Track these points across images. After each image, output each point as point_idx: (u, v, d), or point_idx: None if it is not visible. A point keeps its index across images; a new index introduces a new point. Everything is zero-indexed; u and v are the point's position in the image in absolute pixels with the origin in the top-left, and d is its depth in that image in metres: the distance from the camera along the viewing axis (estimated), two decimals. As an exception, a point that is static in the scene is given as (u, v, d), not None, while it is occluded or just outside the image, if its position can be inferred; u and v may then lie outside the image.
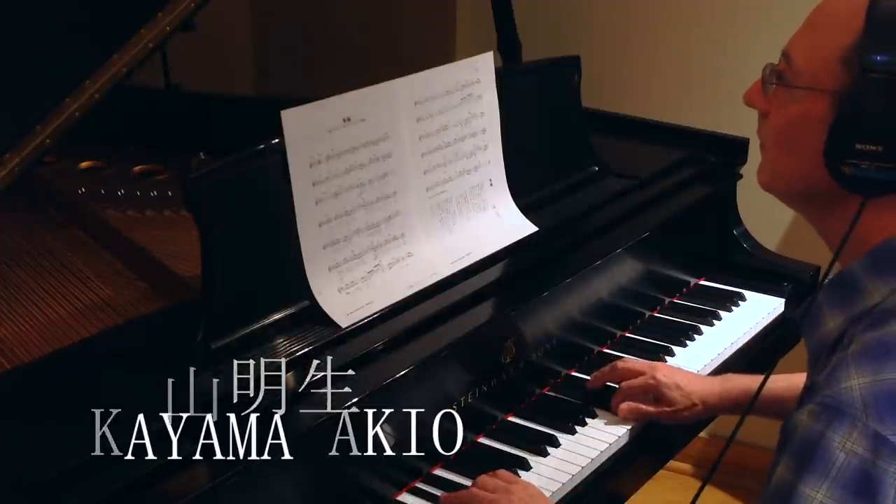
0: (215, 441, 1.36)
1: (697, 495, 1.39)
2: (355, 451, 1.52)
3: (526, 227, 1.94)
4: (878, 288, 1.23)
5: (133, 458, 1.30)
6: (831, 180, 1.23)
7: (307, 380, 1.50)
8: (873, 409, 1.11)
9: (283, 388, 1.48)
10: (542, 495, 1.53)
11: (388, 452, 1.55)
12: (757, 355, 2.05)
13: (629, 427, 1.76)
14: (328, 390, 1.50)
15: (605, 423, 1.77)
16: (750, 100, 1.34)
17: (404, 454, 1.58)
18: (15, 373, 1.55)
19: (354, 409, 1.48)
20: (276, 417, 1.44)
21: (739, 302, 2.18)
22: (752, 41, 2.76)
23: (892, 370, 1.13)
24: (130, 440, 1.31)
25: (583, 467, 1.66)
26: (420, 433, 1.61)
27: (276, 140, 1.56)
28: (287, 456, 1.40)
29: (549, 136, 2.13)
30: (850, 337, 1.22)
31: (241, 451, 1.36)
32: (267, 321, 1.56)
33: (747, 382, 1.74)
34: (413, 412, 1.60)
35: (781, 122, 1.28)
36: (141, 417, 1.34)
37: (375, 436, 1.54)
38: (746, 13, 2.86)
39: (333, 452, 1.49)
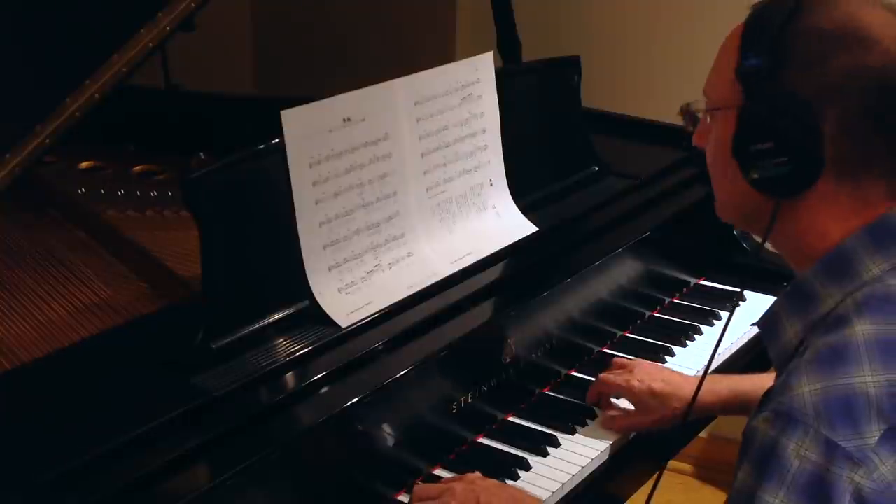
0: (215, 441, 1.36)
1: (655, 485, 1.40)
2: (355, 451, 1.52)
3: (526, 227, 1.94)
4: (832, 294, 1.24)
5: (133, 458, 1.30)
6: (758, 193, 1.27)
7: (307, 380, 1.50)
8: (824, 415, 1.13)
9: (283, 388, 1.49)
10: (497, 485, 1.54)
11: (388, 453, 1.55)
12: (757, 355, 2.05)
13: (629, 427, 1.77)
14: (328, 390, 1.51)
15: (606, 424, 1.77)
16: (695, 142, 1.40)
17: (404, 454, 1.58)
18: (15, 373, 1.55)
19: (354, 410, 1.49)
20: (277, 417, 1.44)
21: (739, 302, 2.18)
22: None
23: (842, 375, 1.15)
24: (130, 440, 1.32)
25: (583, 467, 1.66)
26: (420, 433, 1.61)
27: (276, 140, 1.56)
28: (287, 456, 1.41)
29: (549, 137, 2.13)
30: (806, 345, 1.24)
31: (242, 452, 1.36)
32: (267, 321, 1.56)
33: (734, 382, 1.75)
34: (412, 412, 1.61)
35: (710, 150, 1.35)
36: (141, 417, 1.35)
37: (375, 436, 1.54)
38: (746, 13, 2.86)
39: (333, 452, 1.50)
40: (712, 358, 1.41)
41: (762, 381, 1.69)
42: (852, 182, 1.24)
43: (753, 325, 1.37)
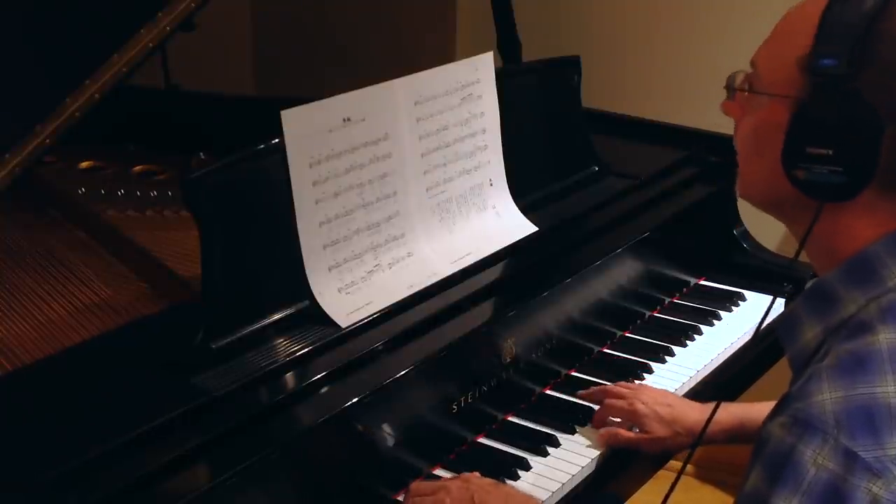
0: (215, 441, 1.36)
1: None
2: (355, 451, 1.52)
3: (526, 227, 1.94)
4: (855, 298, 1.22)
5: (133, 458, 1.30)
6: (793, 186, 1.23)
7: (307, 380, 1.50)
8: (844, 424, 1.11)
9: (283, 388, 1.49)
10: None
11: (388, 453, 1.55)
12: (757, 356, 2.05)
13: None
14: (328, 390, 1.51)
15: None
16: (725, 109, 1.35)
17: (404, 454, 1.58)
18: (15, 373, 1.55)
19: (354, 410, 1.49)
20: (277, 417, 1.44)
21: (739, 302, 2.18)
22: (751, 41, 2.74)
23: (863, 384, 1.13)
24: (130, 440, 1.32)
25: (583, 467, 1.66)
26: (420, 433, 1.61)
27: (276, 140, 1.56)
28: (287, 456, 1.41)
29: (549, 137, 2.13)
30: (826, 348, 1.21)
31: (242, 451, 1.36)
32: (267, 321, 1.56)
33: (739, 411, 1.71)
34: (412, 412, 1.61)
35: (748, 128, 1.29)
36: (141, 417, 1.35)
37: (375, 436, 1.54)
38: (746, 13, 2.86)
39: (333, 452, 1.50)
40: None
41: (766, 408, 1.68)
42: (894, 195, 1.20)
43: (770, 325, 1.34)
